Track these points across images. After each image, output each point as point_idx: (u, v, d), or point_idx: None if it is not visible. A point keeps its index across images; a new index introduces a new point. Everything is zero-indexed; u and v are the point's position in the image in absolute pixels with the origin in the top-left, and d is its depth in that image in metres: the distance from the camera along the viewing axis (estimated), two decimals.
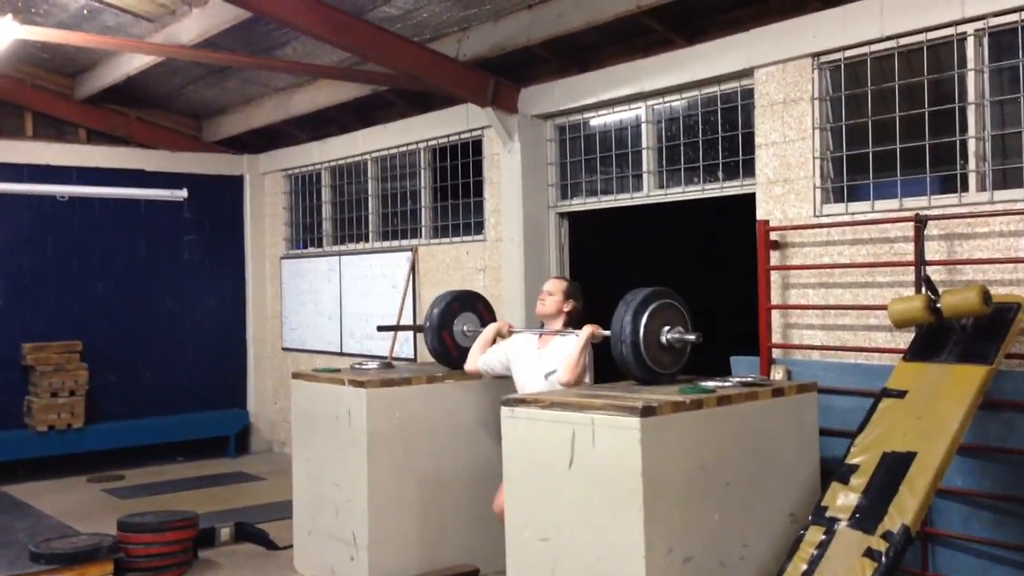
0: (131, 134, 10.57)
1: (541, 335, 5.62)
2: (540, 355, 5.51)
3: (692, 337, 5.05)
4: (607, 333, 5.11)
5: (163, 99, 10.47)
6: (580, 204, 7.58)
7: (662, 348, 4.99)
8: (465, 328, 6.28)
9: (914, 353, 4.80)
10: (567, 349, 5.31)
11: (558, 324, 5.54)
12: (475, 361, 5.85)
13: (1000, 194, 5.04)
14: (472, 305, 6.41)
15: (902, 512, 4.10)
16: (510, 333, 5.97)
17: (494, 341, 5.88)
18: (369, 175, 9.67)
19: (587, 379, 5.31)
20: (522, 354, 5.62)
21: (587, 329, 5.29)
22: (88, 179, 10.17)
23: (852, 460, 4.47)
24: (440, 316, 6.24)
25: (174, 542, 6.35)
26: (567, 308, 5.54)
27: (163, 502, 8.09)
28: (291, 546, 6.58)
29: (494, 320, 6.27)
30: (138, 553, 6.21)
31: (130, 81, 9.33)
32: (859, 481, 4.35)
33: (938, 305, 4.62)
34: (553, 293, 5.60)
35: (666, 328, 5.00)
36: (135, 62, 8.80)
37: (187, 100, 10.47)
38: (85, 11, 8.01)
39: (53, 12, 8.09)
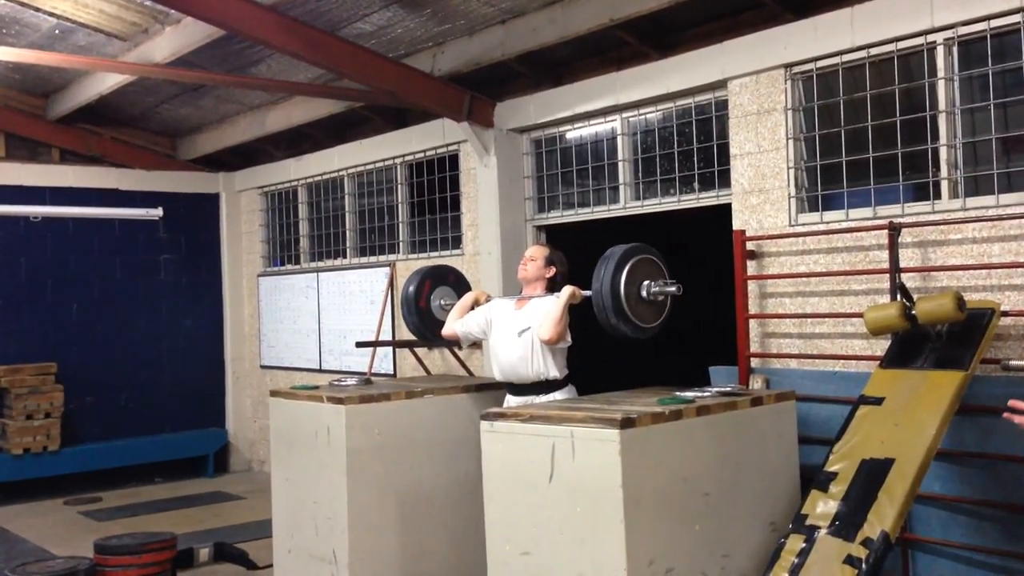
0: (105, 153, 10.51)
1: (519, 299, 5.66)
2: (516, 315, 5.55)
3: (673, 288, 5.10)
4: (588, 293, 5.15)
5: (137, 118, 10.42)
6: (557, 217, 7.59)
7: (643, 302, 5.04)
8: (442, 302, 6.31)
9: (890, 360, 4.83)
10: (547, 306, 5.35)
11: (539, 289, 5.57)
12: (452, 326, 5.88)
13: (972, 201, 5.08)
14: (446, 279, 6.45)
15: (881, 519, 4.11)
16: (487, 300, 6.01)
17: (472, 308, 5.91)
18: (346, 191, 9.65)
19: (567, 339, 5.34)
20: (500, 317, 5.67)
21: (568, 289, 5.34)
22: (62, 199, 10.08)
23: (831, 468, 4.48)
24: (416, 292, 6.26)
25: (152, 564, 6.28)
26: (548, 274, 5.59)
27: (141, 523, 8.01)
28: (271, 565, 6.52)
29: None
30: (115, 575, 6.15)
31: (103, 100, 9.29)
32: (838, 488, 4.37)
33: (913, 312, 4.65)
34: (535, 258, 5.66)
35: (647, 282, 5.05)
36: (108, 81, 8.76)
37: (161, 119, 10.43)
38: (57, 31, 7.97)
39: (25, 32, 8.04)
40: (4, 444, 9.55)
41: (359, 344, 8.57)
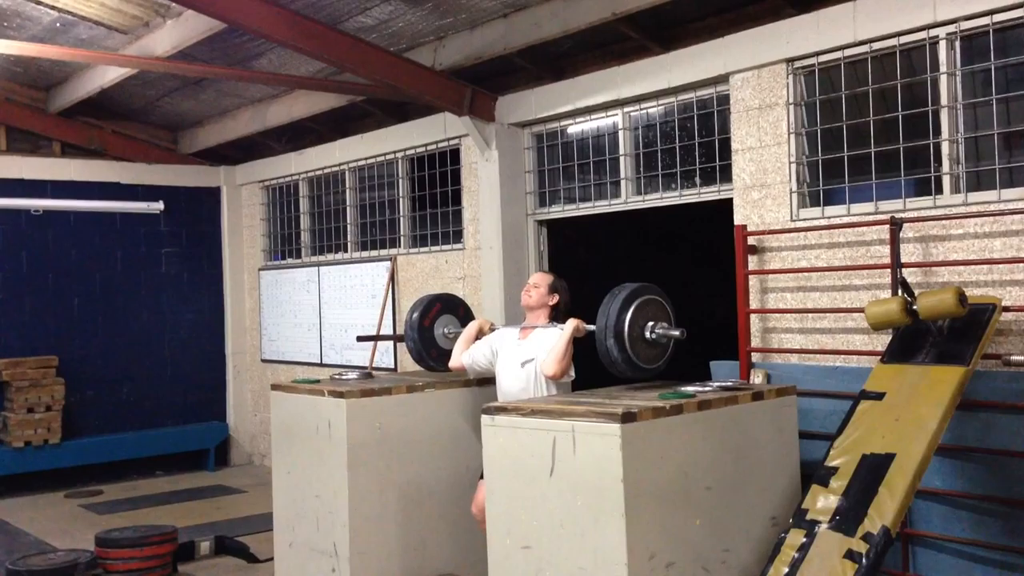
0: (106, 147, 10.50)
1: (523, 328, 5.65)
2: (519, 345, 5.55)
3: (676, 332, 5.08)
4: (592, 328, 5.14)
5: (138, 111, 10.42)
6: (558, 211, 7.59)
7: (647, 343, 5.02)
8: (446, 330, 6.32)
9: (891, 355, 4.83)
10: (552, 341, 5.34)
11: (542, 317, 5.57)
12: (459, 357, 5.88)
13: (974, 196, 5.08)
14: (451, 308, 6.45)
15: (882, 514, 4.11)
16: (491, 329, 6.00)
17: (477, 338, 5.91)
18: (347, 185, 9.65)
19: (571, 373, 5.33)
20: (504, 347, 5.67)
21: (572, 323, 5.32)
22: (63, 193, 10.10)
23: (831, 462, 4.48)
24: (420, 319, 6.26)
25: (153, 557, 6.30)
26: (551, 302, 5.58)
27: (142, 517, 8.03)
28: (272, 559, 6.52)
29: (468, 315, 6.37)
30: (117, 568, 6.17)
31: (104, 94, 9.28)
32: (839, 483, 4.37)
33: (914, 307, 4.65)
34: (539, 286, 5.65)
35: (651, 323, 5.03)
36: (109, 75, 8.75)
37: (162, 112, 10.42)
38: (58, 24, 7.96)
39: (26, 26, 8.03)
40: (5, 437, 9.56)
41: (360, 338, 8.56)
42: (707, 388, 4.79)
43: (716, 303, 7.41)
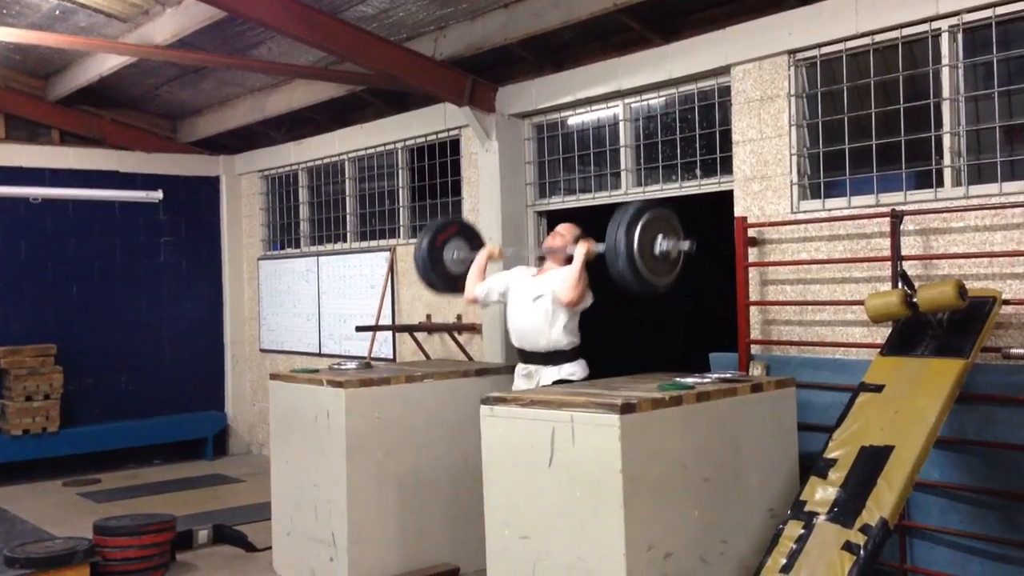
0: (105, 135, 10.48)
1: (540, 269, 5.82)
2: (532, 282, 5.70)
3: (685, 245, 5.12)
4: (602, 248, 5.18)
5: (137, 100, 10.39)
6: (559, 203, 7.58)
7: (656, 258, 5.07)
8: (455, 254, 6.42)
9: (891, 348, 4.83)
10: (564, 271, 5.49)
11: (560, 263, 5.70)
12: (472, 289, 6.05)
13: (975, 189, 5.07)
14: (467, 234, 6.57)
15: (880, 505, 4.12)
16: (501, 255, 6.21)
17: (486, 266, 6.11)
18: (347, 175, 9.63)
19: (588, 299, 5.40)
20: (518, 282, 5.84)
21: (582, 245, 5.41)
22: (62, 181, 10.08)
23: (830, 454, 4.48)
24: (429, 245, 6.34)
25: (151, 545, 6.29)
26: (572, 251, 5.68)
27: (140, 505, 8.02)
28: (270, 548, 6.54)
29: (482, 244, 6.50)
30: (115, 556, 6.16)
31: (103, 82, 9.25)
32: (837, 475, 4.37)
33: (914, 300, 4.65)
34: (564, 235, 5.82)
35: (660, 238, 5.07)
36: (108, 63, 8.72)
37: (162, 101, 10.40)
38: (57, 11, 7.93)
39: (25, 13, 8.01)
40: (3, 425, 9.56)
41: (359, 328, 8.57)
42: (706, 380, 4.80)
43: (715, 295, 7.40)
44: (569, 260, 5.67)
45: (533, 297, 5.61)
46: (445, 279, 6.39)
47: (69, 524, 7.53)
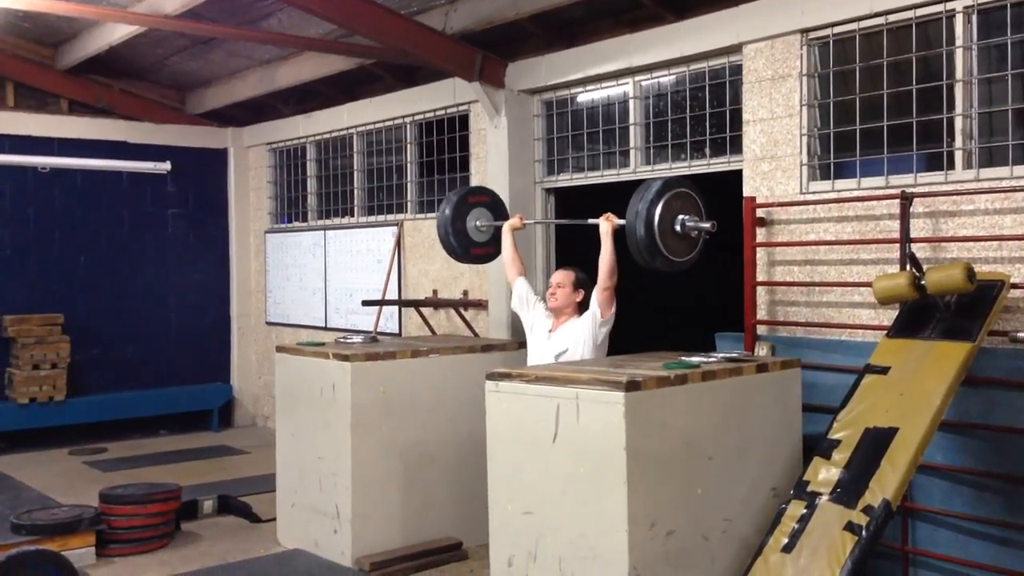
0: (113, 105, 10.46)
1: (555, 320, 5.77)
2: (551, 338, 5.67)
3: (706, 225, 5.12)
4: (622, 222, 5.18)
5: (146, 70, 10.36)
6: (567, 180, 7.56)
7: (677, 236, 5.08)
8: (478, 223, 6.48)
9: (898, 330, 4.82)
10: (580, 330, 5.52)
11: (573, 315, 5.69)
12: (512, 278, 6.09)
13: (986, 172, 5.05)
14: (496, 208, 6.65)
15: (883, 487, 4.12)
16: (523, 224, 6.27)
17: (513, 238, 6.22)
18: (355, 149, 9.61)
19: (612, 309, 5.47)
20: (536, 330, 5.81)
21: (604, 222, 5.47)
22: (70, 150, 10.08)
23: (834, 435, 4.49)
24: (452, 223, 6.40)
25: (156, 514, 6.34)
26: (578, 298, 5.77)
27: (145, 475, 8.07)
28: (274, 519, 6.58)
29: (505, 213, 6.61)
30: (120, 525, 6.21)
31: (112, 52, 9.22)
32: (841, 456, 4.38)
33: (922, 282, 4.63)
34: (563, 285, 5.77)
35: (680, 216, 5.06)
36: (118, 32, 8.68)
37: (171, 71, 10.37)
38: None
39: None
40: (11, 394, 9.61)
41: (365, 303, 8.58)
42: (712, 359, 4.80)
43: (721, 276, 7.38)
44: (577, 309, 5.69)
45: (556, 354, 5.58)
46: (459, 239, 6.42)
47: (75, 492, 7.59)
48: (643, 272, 5.46)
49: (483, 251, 6.62)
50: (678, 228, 5.11)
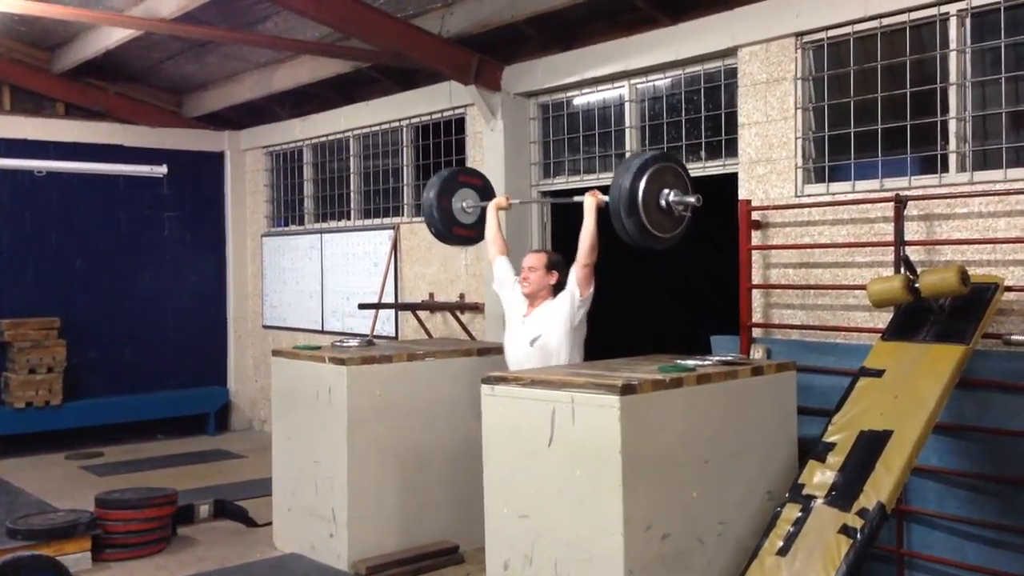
0: (110, 109, 10.46)
1: (528, 304, 5.65)
2: (524, 323, 5.54)
3: (692, 199, 5.05)
4: (607, 198, 5.11)
5: (142, 74, 10.36)
6: (563, 183, 7.57)
7: (661, 211, 5.00)
8: (464, 204, 6.35)
9: (892, 332, 4.83)
10: (556, 312, 5.39)
11: (547, 298, 5.56)
12: (492, 256, 5.95)
13: (980, 175, 5.06)
14: (485, 192, 6.50)
15: (878, 490, 4.13)
16: (509, 204, 6.16)
17: (498, 218, 6.08)
18: (351, 152, 9.62)
19: (591, 287, 5.34)
20: (512, 315, 5.70)
21: (590, 197, 5.33)
22: (66, 154, 10.07)
23: (829, 438, 4.49)
24: (438, 197, 6.26)
25: (153, 519, 6.33)
26: (551, 280, 5.57)
27: (142, 479, 8.07)
28: (270, 523, 6.58)
29: (491, 190, 6.49)
30: (116, 529, 6.20)
31: (109, 55, 9.21)
32: (836, 459, 4.38)
33: (917, 285, 4.64)
34: (535, 268, 5.60)
35: (666, 191, 5.00)
36: (114, 36, 8.68)
37: (167, 75, 10.36)
38: None
39: None
40: (6, 398, 9.60)
41: (362, 306, 8.58)
42: (707, 362, 4.80)
43: (715, 278, 7.39)
44: (552, 292, 5.54)
45: (530, 340, 5.42)
46: (443, 215, 6.27)
47: (71, 497, 7.57)
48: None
49: (466, 233, 6.44)
50: (663, 203, 5.02)
